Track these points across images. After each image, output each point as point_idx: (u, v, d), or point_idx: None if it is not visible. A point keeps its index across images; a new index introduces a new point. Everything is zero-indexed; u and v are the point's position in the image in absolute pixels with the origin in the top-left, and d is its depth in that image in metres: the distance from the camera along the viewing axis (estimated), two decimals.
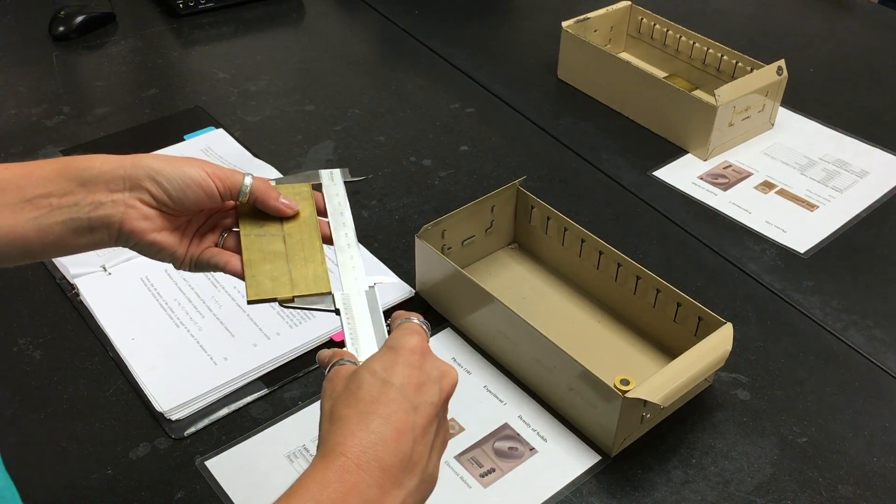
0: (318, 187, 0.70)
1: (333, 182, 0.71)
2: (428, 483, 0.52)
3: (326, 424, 0.51)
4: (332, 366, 0.55)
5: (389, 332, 0.57)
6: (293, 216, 0.66)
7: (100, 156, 0.58)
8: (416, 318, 0.57)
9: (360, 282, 0.63)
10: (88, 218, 0.57)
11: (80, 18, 1.36)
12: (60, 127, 1.17)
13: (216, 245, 0.65)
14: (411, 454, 0.50)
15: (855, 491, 0.75)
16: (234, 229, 0.66)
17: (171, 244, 0.61)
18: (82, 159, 0.58)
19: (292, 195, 0.67)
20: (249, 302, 0.61)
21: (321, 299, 0.62)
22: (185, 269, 0.64)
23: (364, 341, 0.59)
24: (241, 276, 0.63)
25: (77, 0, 1.38)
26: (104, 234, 0.58)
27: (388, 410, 0.50)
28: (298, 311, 0.88)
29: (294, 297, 0.62)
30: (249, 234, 0.65)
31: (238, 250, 0.64)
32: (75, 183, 0.56)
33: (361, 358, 0.57)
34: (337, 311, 0.61)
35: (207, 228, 0.66)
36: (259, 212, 0.66)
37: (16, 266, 0.58)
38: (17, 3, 1.46)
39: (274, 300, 0.62)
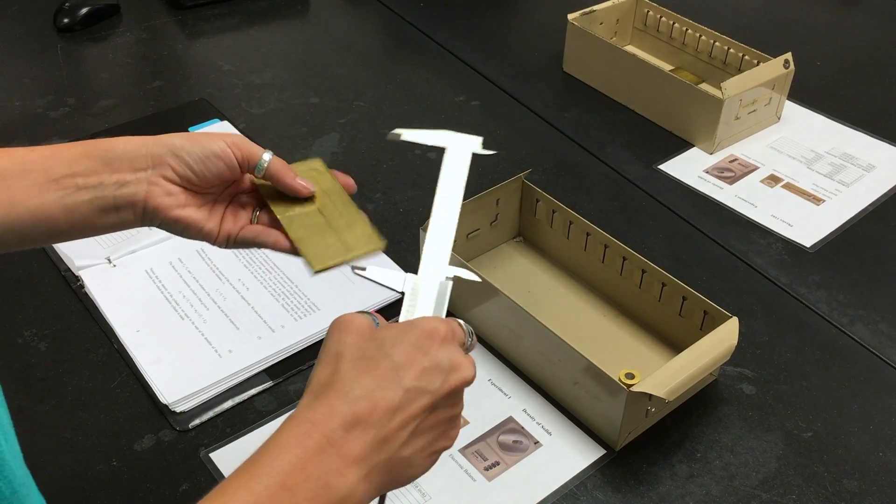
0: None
1: (461, 150, 0.66)
2: (400, 466, 0.50)
3: (314, 385, 0.50)
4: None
5: None
6: (309, 197, 0.65)
7: (124, 137, 0.59)
8: (462, 322, 0.55)
9: (440, 270, 0.60)
10: (114, 196, 0.57)
11: (84, 10, 1.36)
12: (65, 119, 1.17)
13: (251, 222, 0.65)
14: (385, 433, 0.49)
15: (860, 485, 0.75)
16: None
17: (198, 220, 0.61)
18: (106, 141, 0.59)
19: (305, 172, 0.66)
20: (317, 272, 0.61)
21: (393, 278, 0.60)
22: (223, 247, 0.64)
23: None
24: (293, 253, 0.63)
25: None
26: (129, 212, 0.59)
27: (374, 385, 0.49)
28: (303, 303, 0.88)
29: (354, 256, 0.61)
30: (283, 213, 0.64)
31: (274, 226, 0.64)
32: (100, 163, 0.57)
33: None
34: (403, 294, 0.59)
35: (239, 206, 0.65)
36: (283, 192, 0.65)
37: (31, 251, 0.59)
38: None
39: (341, 264, 0.61)
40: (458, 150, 0.66)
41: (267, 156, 0.63)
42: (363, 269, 0.61)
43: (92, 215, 0.58)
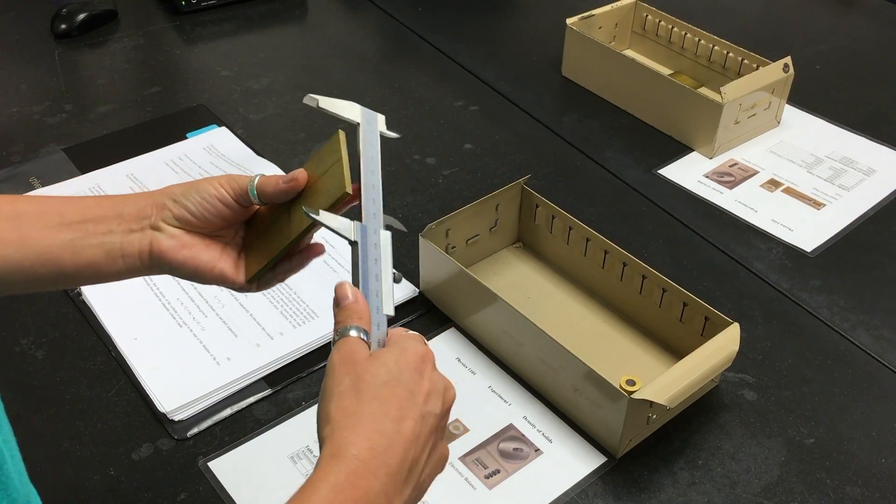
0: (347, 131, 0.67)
1: (370, 127, 0.68)
2: (419, 492, 0.53)
3: (338, 415, 0.50)
4: (344, 333, 0.53)
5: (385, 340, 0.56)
6: (303, 188, 0.63)
7: (134, 193, 0.63)
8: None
9: (379, 219, 0.61)
10: (121, 243, 0.60)
11: (82, 16, 1.36)
12: (62, 125, 1.17)
13: None
14: (413, 462, 0.50)
15: (863, 492, 0.75)
16: None
17: (207, 260, 0.62)
18: (119, 195, 0.63)
19: (323, 156, 0.64)
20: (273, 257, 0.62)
21: (345, 226, 0.59)
22: (246, 290, 0.64)
23: (372, 281, 0.57)
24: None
25: None
26: (135, 259, 0.60)
27: (400, 414, 0.50)
28: (302, 310, 0.88)
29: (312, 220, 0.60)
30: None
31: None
32: (111, 212, 0.60)
33: (364, 291, 0.56)
34: (353, 243, 0.59)
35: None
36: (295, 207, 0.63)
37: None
38: (19, 0, 1.46)
39: (310, 230, 0.61)
40: (370, 124, 0.68)
41: (256, 180, 0.62)
42: (316, 213, 0.59)
43: (99, 260, 0.59)
